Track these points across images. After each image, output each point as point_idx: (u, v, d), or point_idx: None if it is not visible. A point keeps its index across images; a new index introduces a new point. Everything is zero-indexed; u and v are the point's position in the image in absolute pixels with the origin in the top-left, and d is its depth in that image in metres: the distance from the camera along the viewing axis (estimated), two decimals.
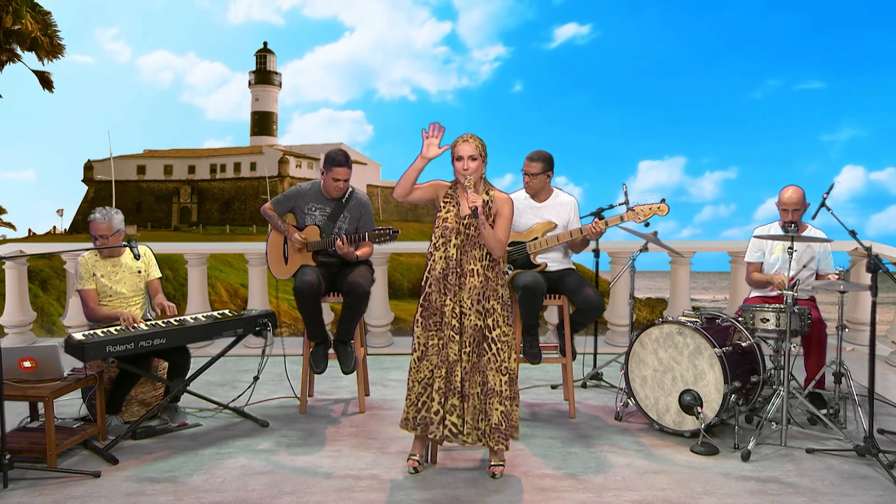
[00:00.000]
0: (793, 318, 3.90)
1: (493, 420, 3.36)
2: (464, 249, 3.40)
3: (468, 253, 3.40)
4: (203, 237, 49.76)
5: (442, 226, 3.44)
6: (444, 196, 3.48)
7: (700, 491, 3.26)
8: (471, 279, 3.38)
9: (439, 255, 3.42)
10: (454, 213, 3.44)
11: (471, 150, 3.38)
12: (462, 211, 3.43)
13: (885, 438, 3.92)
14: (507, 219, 3.44)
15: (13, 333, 6.29)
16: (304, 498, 3.19)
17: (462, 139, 3.42)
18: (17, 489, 3.27)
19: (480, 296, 3.39)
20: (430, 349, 3.41)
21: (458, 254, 3.40)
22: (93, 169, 63.21)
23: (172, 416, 4.28)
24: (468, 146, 3.39)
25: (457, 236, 3.41)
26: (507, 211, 3.44)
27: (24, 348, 4.00)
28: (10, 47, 20.12)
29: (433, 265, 3.43)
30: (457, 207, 3.44)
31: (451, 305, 3.38)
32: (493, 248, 3.38)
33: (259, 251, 6.34)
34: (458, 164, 3.40)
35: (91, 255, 4.30)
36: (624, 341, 5.88)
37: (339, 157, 4.36)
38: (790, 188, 4.41)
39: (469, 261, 3.40)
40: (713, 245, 6.60)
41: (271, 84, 67.09)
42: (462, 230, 3.41)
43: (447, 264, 3.40)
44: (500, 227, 3.41)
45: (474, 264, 3.39)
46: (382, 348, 6.37)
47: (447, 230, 3.42)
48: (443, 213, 3.46)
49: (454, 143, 3.42)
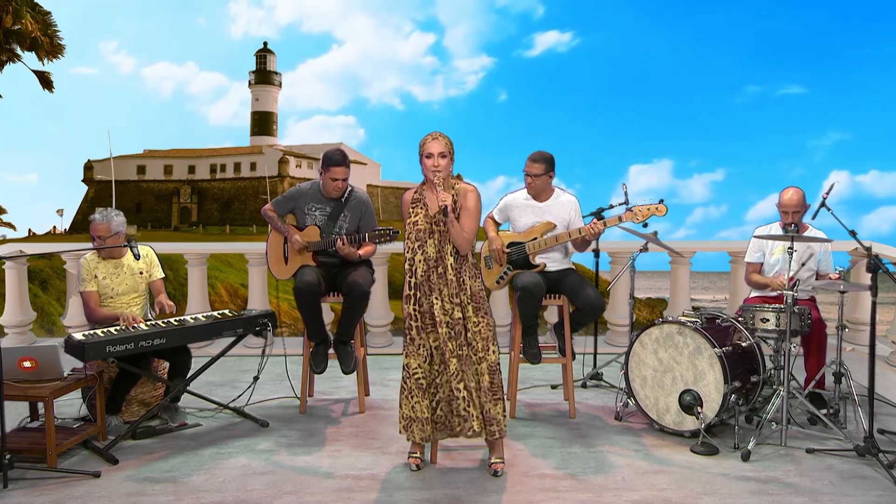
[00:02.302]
0: (793, 318, 3.89)
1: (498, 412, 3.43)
2: (440, 246, 3.44)
3: (444, 248, 3.44)
4: (203, 237, 49.78)
5: (414, 230, 3.47)
6: (412, 202, 3.51)
7: (700, 491, 3.26)
8: (448, 273, 3.43)
9: (419, 259, 3.44)
10: (423, 214, 3.47)
11: (440, 148, 3.41)
12: (431, 210, 3.46)
13: (885, 438, 3.92)
14: (472, 211, 3.45)
15: (13, 333, 6.29)
16: (304, 498, 3.19)
17: (431, 136, 3.44)
18: (17, 489, 3.27)
19: (457, 289, 3.43)
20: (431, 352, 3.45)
21: (436, 251, 3.44)
22: (93, 169, 63.23)
23: (172, 416, 4.28)
24: (437, 143, 3.41)
25: (430, 235, 3.44)
26: (470, 202, 3.45)
27: (24, 348, 4.00)
28: (10, 47, 20.10)
29: (415, 269, 3.46)
30: (425, 209, 3.48)
31: (440, 303, 3.41)
32: (461, 245, 3.42)
33: (259, 251, 6.34)
34: (427, 161, 3.43)
35: (93, 256, 4.30)
36: (624, 341, 5.88)
37: (337, 157, 4.36)
38: (790, 189, 4.40)
39: (446, 256, 3.44)
40: (713, 245, 6.60)
41: (271, 84, 67.08)
42: (435, 228, 3.44)
43: (427, 265, 3.43)
44: (465, 221, 3.43)
45: (448, 258, 3.44)
46: (382, 348, 6.37)
47: (420, 232, 3.46)
48: (412, 217, 3.50)
49: (423, 141, 3.45)
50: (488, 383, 3.43)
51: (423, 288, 3.45)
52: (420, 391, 3.44)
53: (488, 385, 3.43)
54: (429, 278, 3.44)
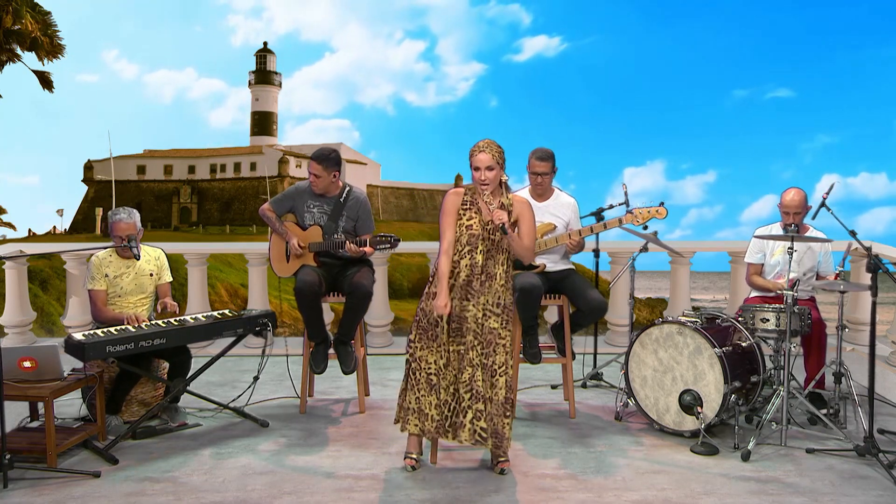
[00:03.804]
0: (793, 318, 3.89)
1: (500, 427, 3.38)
2: (489, 254, 3.39)
3: (494, 258, 3.39)
4: (203, 237, 49.73)
5: (466, 234, 3.39)
6: (463, 203, 3.42)
7: (700, 491, 3.26)
8: (496, 283, 3.38)
9: (465, 263, 3.38)
10: (477, 219, 3.39)
11: (488, 161, 3.32)
12: (484, 217, 3.39)
13: (885, 438, 3.92)
14: (530, 222, 3.42)
15: (13, 333, 6.29)
16: (304, 498, 3.19)
17: (478, 148, 3.35)
18: (17, 489, 3.27)
19: (501, 298, 3.39)
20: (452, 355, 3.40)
21: (484, 259, 3.38)
22: (93, 169, 63.23)
23: (172, 416, 4.28)
24: (485, 156, 3.33)
25: (482, 242, 3.38)
26: (528, 214, 3.41)
27: (24, 348, 4.00)
28: (10, 47, 20.13)
29: (458, 273, 3.38)
30: (479, 214, 3.40)
31: (474, 311, 3.37)
32: (524, 256, 3.41)
33: (258, 251, 6.35)
34: (475, 174, 3.36)
35: (105, 254, 4.30)
36: (624, 341, 5.88)
37: (315, 153, 4.48)
38: (792, 190, 4.40)
39: (494, 265, 3.39)
40: (713, 245, 6.60)
41: (271, 84, 67.03)
42: (487, 236, 3.39)
43: (472, 270, 3.38)
44: (526, 233, 3.39)
45: (498, 268, 3.39)
46: (382, 348, 6.37)
47: (473, 237, 3.38)
48: (465, 220, 3.40)
49: (472, 153, 3.36)
50: (503, 398, 3.39)
51: (461, 292, 3.38)
52: (429, 386, 3.40)
53: (502, 400, 3.39)
54: (470, 283, 3.38)
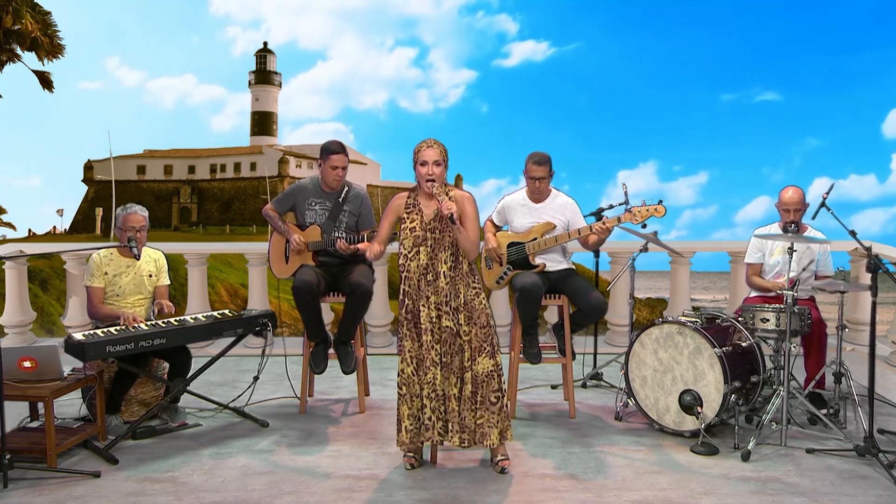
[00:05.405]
0: (793, 318, 3.89)
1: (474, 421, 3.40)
2: (433, 253, 3.43)
3: (437, 256, 3.43)
4: (203, 237, 49.73)
5: (411, 236, 3.45)
6: (406, 206, 3.49)
7: (700, 491, 3.26)
8: (440, 281, 3.41)
9: (414, 266, 3.43)
10: (419, 220, 3.45)
11: (435, 156, 3.39)
12: (426, 217, 3.44)
13: (885, 438, 3.92)
14: (473, 217, 3.45)
15: (13, 333, 6.29)
16: (304, 498, 3.19)
17: (426, 144, 3.42)
18: (17, 489, 3.27)
19: (449, 296, 3.41)
20: (418, 359, 3.43)
21: (428, 258, 3.43)
22: (93, 169, 63.18)
23: (172, 416, 4.28)
24: (433, 151, 3.40)
25: (424, 242, 3.43)
26: (470, 209, 3.45)
27: (24, 348, 4.00)
28: (10, 47, 20.12)
29: (409, 275, 3.44)
30: (420, 214, 3.46)
31: (426, 311, 3.40)
32: (469, 251, 3.42)
33: (258, 251, 6.34)
34: (422, 168, 3.41)
35: (107, 252, 4.30)
36: (624, 341, 5.87)
37: (334, 146, 4.42)
38: (790, 188, 4.41)
39: (437, 263, 3.42)
40: (713, 245, 6.60)
41: (271, 84, 67.02)
42: (429, 235, 3.43)
43: (419, 271, 3.42)
44: (470, 227, 3.42)
45: (441, 266, 3.42)
46: (382, 348, 6.37)
47: (417, 238, 3.44)
48: (408, 222, 3.47)
49: (418, 148, 3.43)
50: (470, 393, 3.40)
51: (413, 294, 3.44)
52: (407, 396, 3.44)
53: (469, 395, 3.40)
54: (419, 285, 3.43)
